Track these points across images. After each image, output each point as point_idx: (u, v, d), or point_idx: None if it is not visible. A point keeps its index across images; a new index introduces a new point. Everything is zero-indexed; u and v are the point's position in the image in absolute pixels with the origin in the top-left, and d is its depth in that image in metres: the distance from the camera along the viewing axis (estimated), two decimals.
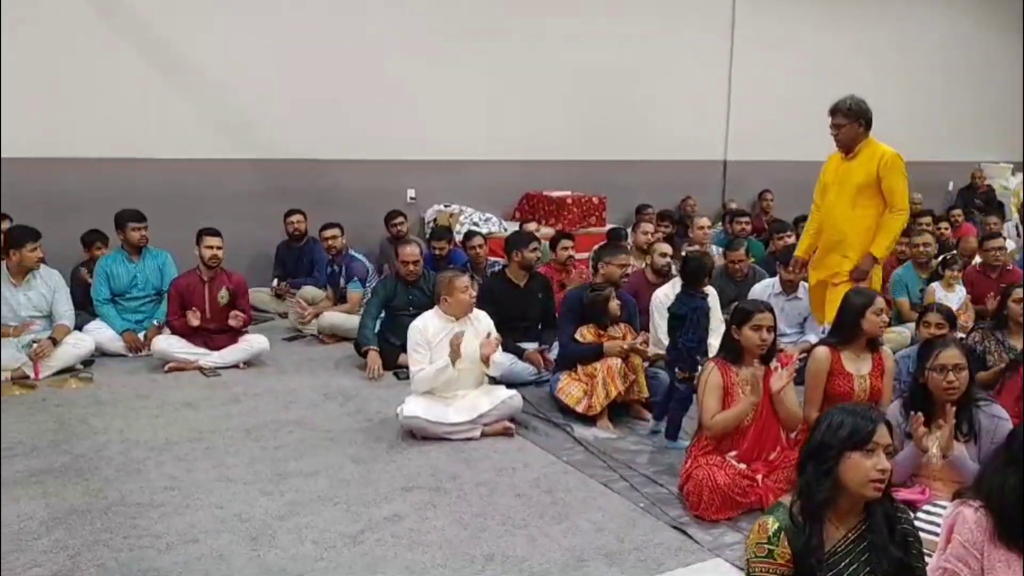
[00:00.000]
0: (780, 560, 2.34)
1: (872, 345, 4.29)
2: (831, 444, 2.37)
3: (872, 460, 2.33)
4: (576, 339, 5.19)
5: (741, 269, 6.74)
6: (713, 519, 3.78)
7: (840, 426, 2.38)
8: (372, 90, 8.17)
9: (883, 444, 2.35)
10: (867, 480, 2.32)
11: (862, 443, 2.34)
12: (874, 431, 2.35)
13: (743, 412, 3.92)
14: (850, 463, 2.34)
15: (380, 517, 3.80)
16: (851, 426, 2.37)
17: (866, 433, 2.35)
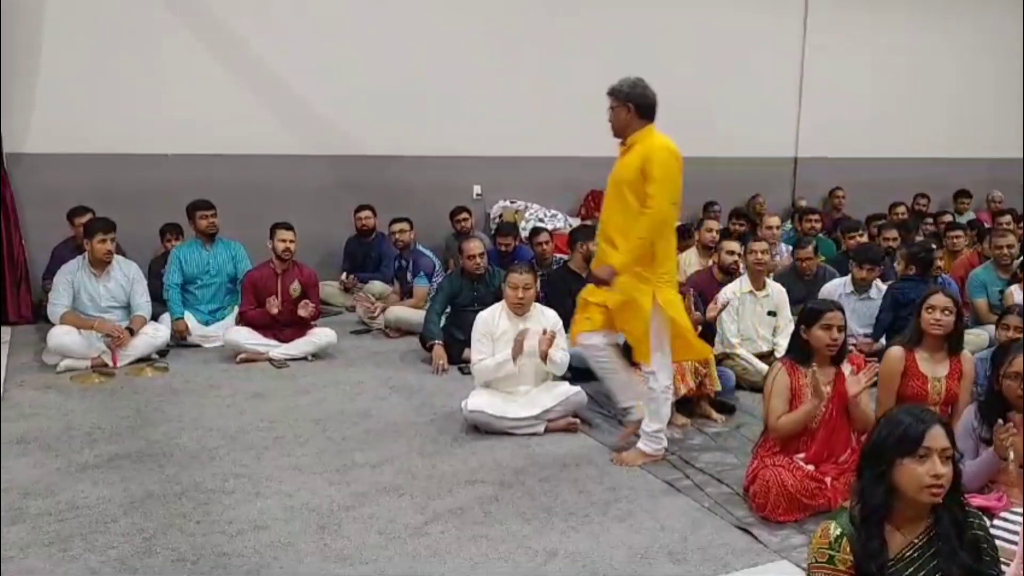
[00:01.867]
0: (841, 567, 2.28)
1: (953, 348, 4.16)
2: (883, 449, 2.31)
3: (925, 466, 2.24)
4: None
5: (810, 268, 6.61)
6: (779, 521, 3.72)
7: (892, 431, 2.31)
8: (439, 88, 8.23)
9: (937, 448, 2.25)
10: (922, 486, 2.24)
11: (913, 448, 2.26)
12: (924, 436, 2.26)
13: (809, 414, 3.85)
14: (903, 469, 2.27)
15: (444, 509, 3.84)
16: (902, 431, 2.29)
17: (917, 438, 2.26)
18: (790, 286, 6.31)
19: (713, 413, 5.09)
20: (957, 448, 2.34)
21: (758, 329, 5.84)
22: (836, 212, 9.64)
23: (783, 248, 7.65)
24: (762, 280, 5.91)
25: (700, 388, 5.06)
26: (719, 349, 5.68)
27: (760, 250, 5.90)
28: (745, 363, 5.63)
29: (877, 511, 2.30)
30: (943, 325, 4.07)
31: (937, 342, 4.12)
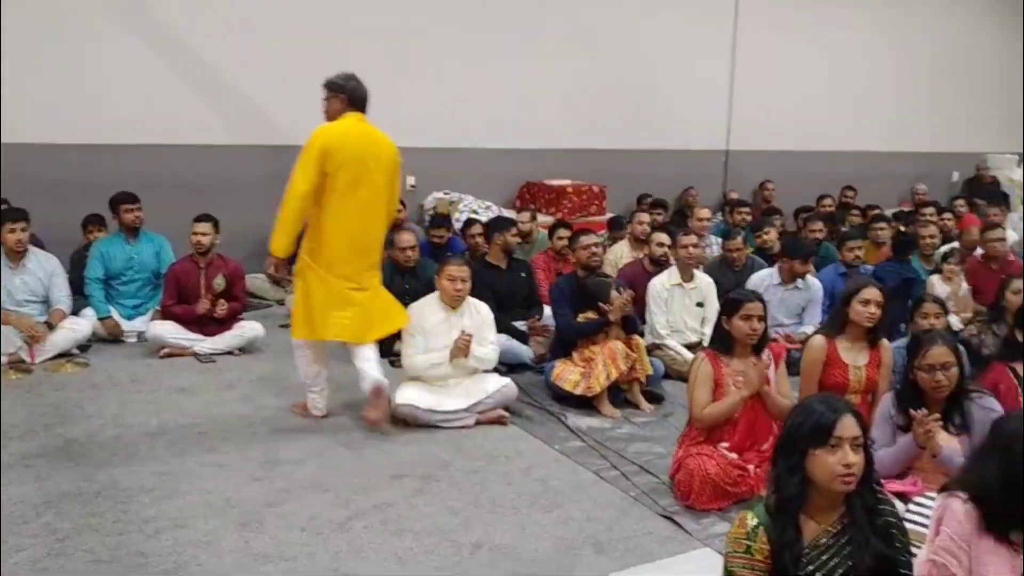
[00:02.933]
0: (758, 556, 2.31)
1: (872, 337, 4.26)
2: (796, 440, 2.33)
3: (837, 456, 2.27)
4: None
5: (739, 258, 6.69)
6: (703, 509, 3.77)
7: (803, 422, 2.33)
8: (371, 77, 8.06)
9: (848, 438, 2.28)
10: (834, 476, 2.27)
11: (824, 439, 2.28)
12: (835, 426, 2.28)
13: (734, 405, 3.91)
14: (815, 459, 2.29)
15: (369, 504, 3.80)
16: (813, 421, 2.31)
17: (828, 428, 2.29)
18: (720, 277, 6.39)
19: (643, 402, 5.13)
20: (868, 436, 2.37)
21: (686, 320, 5.91)
22: (766, 204, 9.78)
23: (713, 240, 7.74)
24: (691, 272, 5.98)
25: (631, 372, 5.09)
26: (648, 340, 5.73)
27: (690, 243, 5.96)
28: (674, 353, 5.69)
29: (792, 501, 2.32)
30: (874, 317, 4.17)
31: (859, 332, 4.21)
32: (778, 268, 6.34)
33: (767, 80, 10.13)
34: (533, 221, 7.62)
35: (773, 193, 9.94)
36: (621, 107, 9.36)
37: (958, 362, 3.57)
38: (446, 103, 8.48)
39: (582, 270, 5.51)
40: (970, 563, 2.61)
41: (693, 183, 9.67)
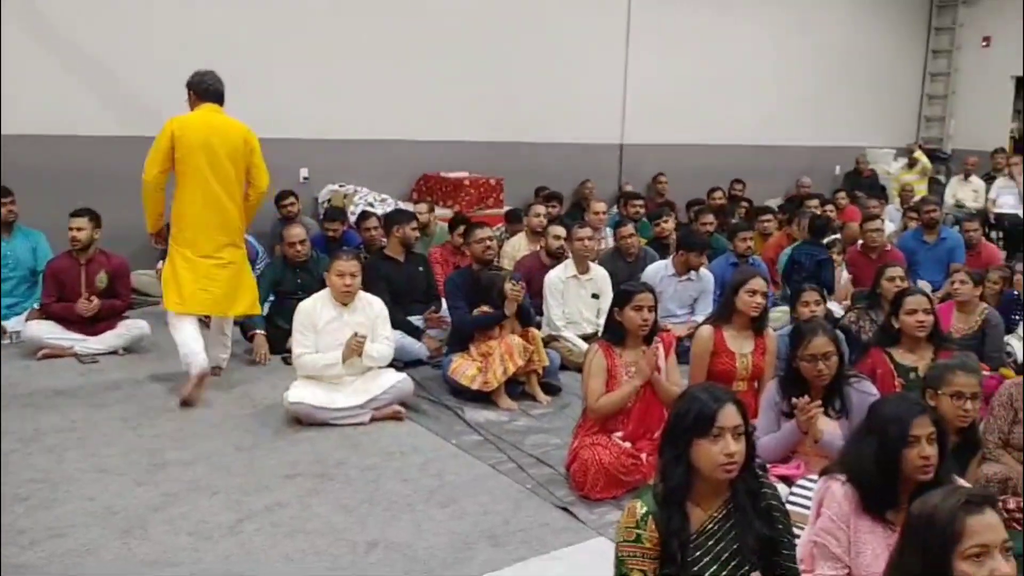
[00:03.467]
0: (647, 544, 2.34)
1: (758, 326, 4.39)
2: (680, 430, 2.38)
3: (719, 445, 2.32)
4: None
5: (631, 245, 6.79)
6: (598, 498, 3.81)
7: (687, 412, 2.38)
8: (264, 66, 7.92)
9: (730, 427, 2.33)
10: (716, 465, 2.32)
11: (707, 429, 2.32)
12: (717, 416, 2.33)
13: (627, 395, 3.97)
14: (699, 449, 2.34)
15: (261, 506, 3.70)
16: (696, 412, 2.35)
17: (710, 418, 2.33)
18: (614, 268, 6.48)
19: (540, 394, 5.16)
20: (750, 424, 2.43)
21: (582, 311, 5.97)
22: (659, 197, 9.98)
23: (609, 233, 7.83)
24: (586, 264, 6.04)
25: (528, 364, 5.11)
26: (545, 332, 5.77)
27: (585, 236, 6.02)
28: (570, 345, 5.75)
29: (677, 490, 2.37)
30: (759, 307, 4.30)
31: (745, 321, 4.34)
32: (672, 260, 6.47)
33: (660, 75, 10.31)
34: (430, 213, 7.58)
35: (666, 186, 10.15)
36: (518, 100, 9.38)
37: (837, 351, 3.71)
38: (341, 94, 8.34)
39: (477, 264, 5.51)
40: (849, 542, 2.72)
41: (589, 176, 9.78)
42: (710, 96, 10.75)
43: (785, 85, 11.49)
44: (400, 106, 8.70)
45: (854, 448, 2.82)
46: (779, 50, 11.38)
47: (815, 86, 11.75)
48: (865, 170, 11.68)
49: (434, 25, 8.80)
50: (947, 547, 1.91)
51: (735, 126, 11.01)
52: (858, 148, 12.08)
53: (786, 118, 11.56)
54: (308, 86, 8.14)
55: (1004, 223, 10.05)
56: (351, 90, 8.40)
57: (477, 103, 9.13)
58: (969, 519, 1.91)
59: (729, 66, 10.92)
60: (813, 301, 4.87)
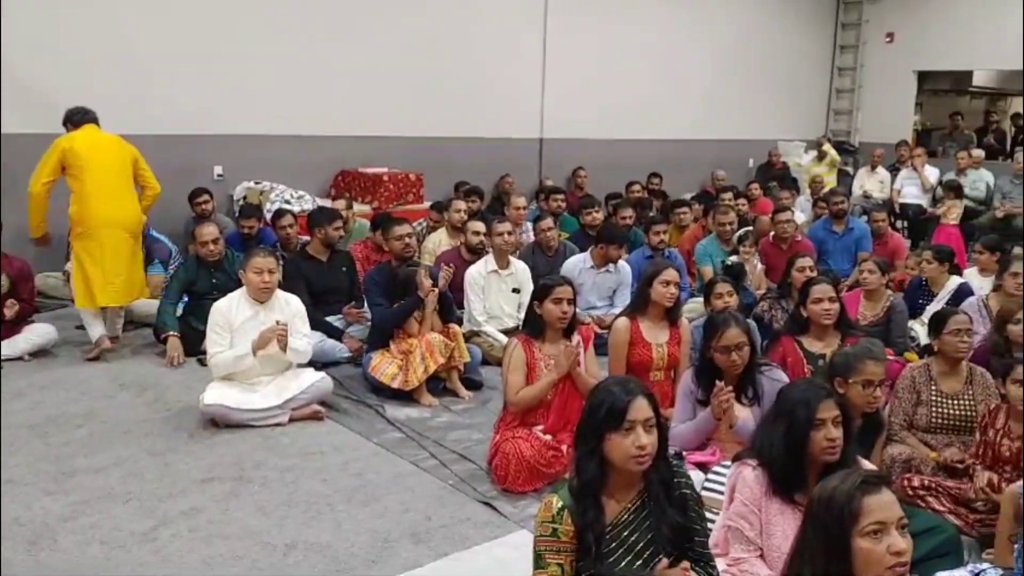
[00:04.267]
0: (564, 537, 2.36)
1: (671, 316, 4.48)
2: (593, 425, 2.40)
3: (631, 438, 2.34)
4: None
5: (550, 240, 6.84)
6: (520, 491, 3.84)
7: (599, 407, 2.40)
8: (173, 62, 7.73)
9: (641, 420, 2.35)
10: (628, 457, 2.35)
11: (619, 422, 2.35)
12: (628, 409, 2.35)
13: (546, 388, 4.00)
14: (611, 443, 2.36)
15: (176, 512, 3.62)
16: (607, 406, 2.37)
17: (620, 412, 2.35)
18: (534, 262, 6.52)
19: (461, 390, 5.16)
20: (661, 415, 2.48)
21: (503, 306, 6.00)
22: (579, 191, 10.06)
23: (529, 227, 7.87)
24: (506, 259, 6.06)
25: (450, 360, 5.11)
26: (466, 327, 5.77)
27: (505, 230, 6.03)
28: (492, 340, 5.76)
29: (591, 484, 2.39)
30: (673, 297, 4.38)
31: (660, 311, 4.42)
32: (591, 252, 6.53)
33: (578, 70, 10.39)
34: (349, 210, 7.49)
35: (586, 180, 10.24)
36: (438, 95, 9.35)
37: (750, 340, 3.80)
38: (256, 89, 8.18)
39: (396, 260, 5.47)
40: (761, 525, 2.80)
41: (509, 171, 9.81)
42: (628, 91, 10.88)
43: (700, 80, 11.71)
44: (318, 101, 8.58)
45: (764, 433, 2.90)
46: (694, 45, 11.59)
47: (729, 81, 12.00)
48: (777, 163, 11.98)
49: (352, 18, 8.71)
50: (846, 526, 1.97)
51: (653, 120, 11.17)
52: (770, 141, 12.38)
53: (701, 112, 11.78)
54: (220, 81, 7.96)
55: (908, 213, 10.44)
56: (266, 85, 8.25)
57: (396, 98, 9.06)
58: (866, 499, 1.98)
59: (645, 61, 11.08)
60: (726, 292, 4.97)
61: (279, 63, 8.31)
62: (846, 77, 13.41)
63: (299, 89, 8.44)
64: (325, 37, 8.55)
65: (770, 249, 7.32)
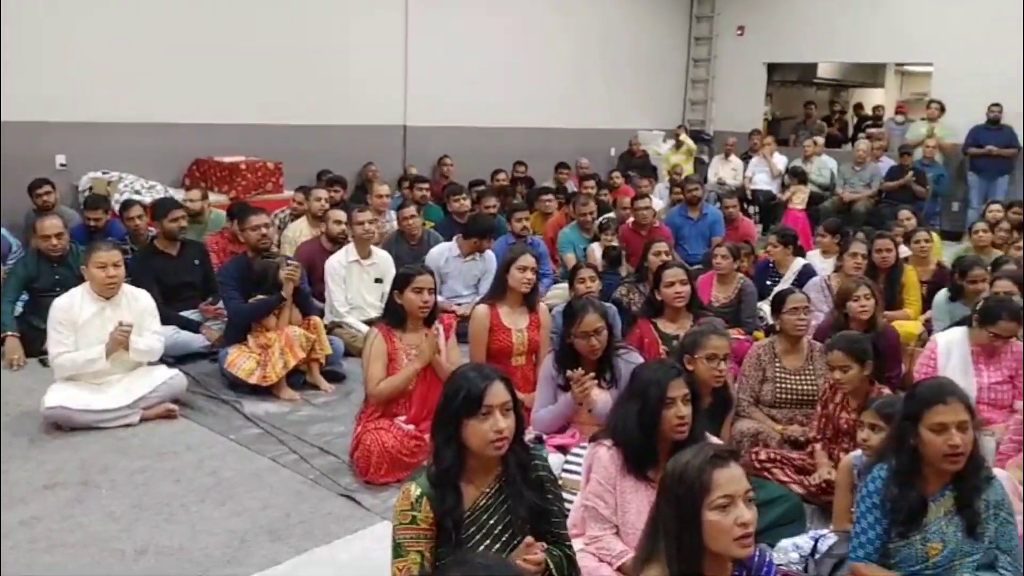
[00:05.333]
0: (423, 525, 2.36)
1: (530, 302, 4.53)
2: (450, 411, 2.41)
3: (488, 423, 2.36)
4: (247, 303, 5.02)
5: (413, 228, 6.80)
6: (382, 482, 3.81)
7: (456, 393, 2.41)
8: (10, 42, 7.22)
9: (498, 404, 2.37)
10: (487, 442, 2.36)
11: (476, 408, 2.36)
12: (484, 395, 2.37)
13: (408, 378, 3.98)
14: (469, 429, 2.37)
15: (15, 522, 3.41)
16: (464, 392, 2.38)
17: (478, 397, 2.37)
18: (398, 251, 6.47)
19: (323, 383, 5.07)
20: (518, 398, 2.50)
21: (365, 296, 5.92)
22: (444, 179, 10.03)
23: (393, 216, 7.79)
24: (368, 248, 5.98)
25: (311, 355, 5.01)
26: (328, 318, 5.68)
27: (365, 219, 5.96)
28: (354, 331, 5.68)
29: (450, 470, 2.40)
30: (531, 283, 4.43)
31: (518, 297, 4.46)
32: (457, 241, 6.53)
33: (441, 57, 10.32)
34: (204, 200, 7.21)
35: (451, 168, 10.21)
36: (297, 81, 9.10)
37: (608, 325, 3.89)
38: (102, 73, 7.74)
39: (252, 252, 5.32)
40: (616, 503, 2.87)
41: (372, 159, 9.67)
42: (491, 78, 10.90)
43: (563, 69, 11.86)
44: (170, 87, 8.20)
45: (618, 413, 2.98)
46: (556, 34, 11.71)
47: (590, 70, 12.19)
48: (638, 151, 12.28)
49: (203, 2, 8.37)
50: (697, 500, 2.06)
51: (517, 108, 11.23)
52: (631, 130, 12.67)
53: (565, 101, 11.94)
54: (62, 66, 7.50)
55: (759, 198, 10.92)
56: (114, 70, 7.82)
57: (254, 84, 8.77)
58: (716, 473, 2.07)
59: (509, 49, 11.13)
60: (588, 278, 5.06)
61: (127, 47, 7.90)
62: (701, 68, 13.87)
63: (149, 74, 8.05)
64: (177, 20, 8.18)
65: (630, 235, 7.50)
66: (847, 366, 3.70)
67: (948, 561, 2.64)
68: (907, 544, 2.67)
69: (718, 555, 2.09)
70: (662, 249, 5.75)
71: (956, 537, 2.64)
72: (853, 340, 3.78)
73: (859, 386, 3.75)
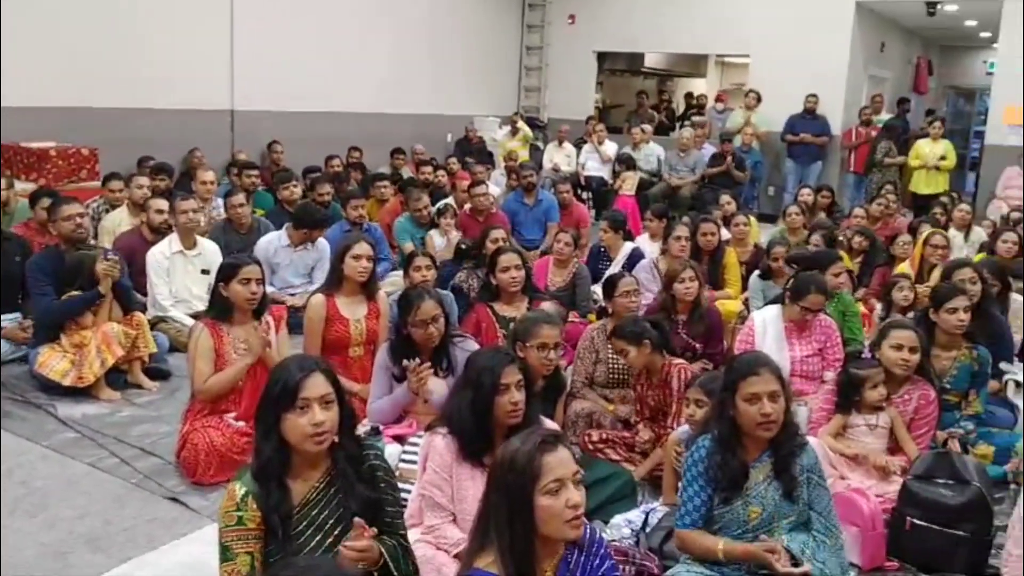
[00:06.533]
0: (251, 524, 2.28)
1: (368, 290, 4.46)
2: (269, 405, 2.34)
3: (306, 417, 2.30)
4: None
5: (242, 217, 6.55)
6: (212, 483, 3.66)
7: (273, 386, 2.34)
8: None
9: (315, 397, 2.31)
10: (306, 436, 2.30)
11: (292, 401, 2.30)
12: (301, 387, 2.30)
13: (238, 373, 3.84)
14: (287, 423, 2.31)
15: None
16: (280, 386, 2.32)
17: (293, 391, 2.30)
18: (226, 241, 6.22)
19: (145, 381, 4.81)
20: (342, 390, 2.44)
21: (191, 288, 5.65)
22: (275, 166, 9.71)
23: (221, 204, 7.47)
24: (193, 238, 5.72)
25: (132, 352, 4.74)
26: (151, 313, 5.39)
27: (189, 208, 5.67)
28: (180, 325, 5.41)
29: (271, 466, 2.32)
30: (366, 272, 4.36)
31: (355, 286, 4.39)
32: (286, 230, 6.34)
33: (270, 38, 9.96)
34: (9, 189, 6.68)
35: (282, 155, 9.89)
36: (113, 61, 8.56)
37: (444, 313, 3.88)
38: None
39: (65, 244, 4.96)
40: (453, 491, 2.87)
41: (198, 144, 9.23)
42: (322, 62, 10.63)
43: (395, 53, 11.71)
44: None
45: (453, 401, 2.97)
46: (387, 18, 11.53)
47: (419, 56, 12.06)
48: (474, 138, 12.33)
49: None
50: (528, 485, 2.08)
51: (351, 93, 11.01)
52: (467, 116, 12.70)
53: (400, 86, 11.81)
54: None
55: (592, 184, 11.20)
56: None
57: (65, 64, 8.17)
58: (546, 457, 2.10)
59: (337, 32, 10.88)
60: (424, 266, 5.03)
61: None
62: (534, 56, 14.05)
63: None
64: None
65: (467, 221, 7.53)
66: (626, 350, 3.92)
67: (767, 523, 2.80)
68: (730, 509, 2.81)
69: (549, 538, 2.13)
70: (499, 235, 5.80)
71: (774, 500, 2.80)
72: (624, 326, 3.99)
73: (650, 363, 3.94)
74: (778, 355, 4.29)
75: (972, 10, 12.10)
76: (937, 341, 4.17)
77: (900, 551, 3.30)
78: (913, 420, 3.78)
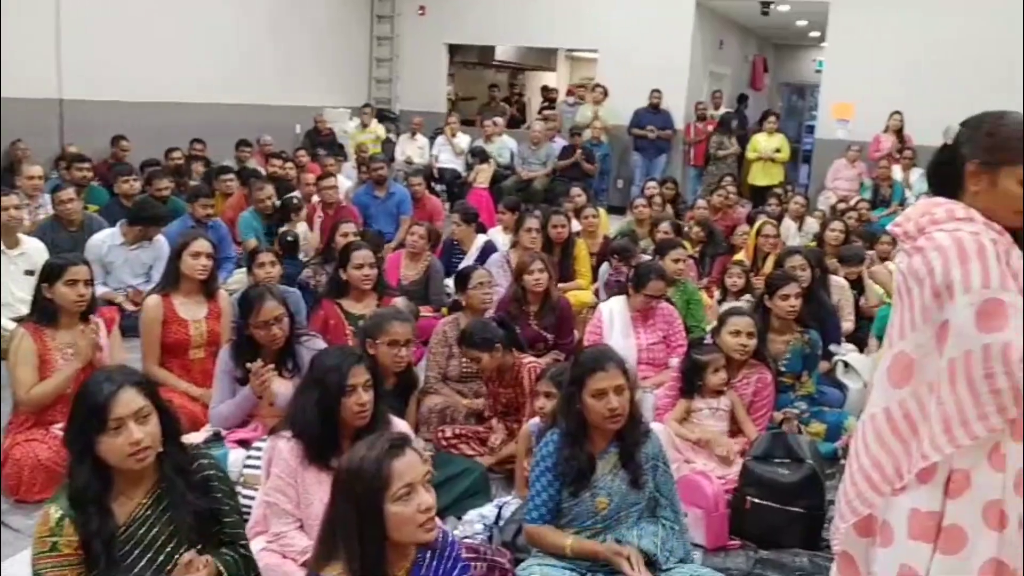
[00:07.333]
0: (67, 550, 2.14)
1: (207, 289, 4.27)
2: (76, 428, 2.20)
3: (122, 436, 2.17)
4: None
5: (72, 213, 6.14)
6: (37, 500, 3.40)
7: (80, 406, 2.21)
8: None
9: (129, 414, 2.18)
10: (125, 456, 2.18)
11: (103, 423, 2.16)
12: (110, 407, 2.17)
13: (65, 381, 3.59)
14: (102, 445, 2.17)
15: None
16: (88, 406, 2.18)
17: (102, 410, 2.16)
18: (54, 239, 5.84)
19: None
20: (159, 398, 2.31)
21: (14, 291, 5.24)
22: (113, 159, 9.18)
23: (48, 200, 6.99)
24: (15, 237, 5.32)
25: None
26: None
27: (12, 204, 5.29)
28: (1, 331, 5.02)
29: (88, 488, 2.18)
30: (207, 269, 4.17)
31: (194, 285, 4.20)
32: (120, 227, 6.00)
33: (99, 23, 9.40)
34: None
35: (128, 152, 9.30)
36: None
37: (289, 312, 3.76)
38: None
39: None
40: (299, 496, 2.78)
41: (21, 136, 8.60)
42: (159, 49, 10.12)
43: (236, 41, 11.27)
44: None
45: (298, 402, 2.87)
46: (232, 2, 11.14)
47: (262, 44, 11.65)
48: (324, 129, 12.04)
49: None
50: (378, 494, 2.02)
51: (190, 82, 10.52)
52: (316, 108, 12.40)
53: (245, 76, 11.39)
54: None
55: (445, 177, 11.18)
56: None
57: None
58: (394, 463, 2.04)
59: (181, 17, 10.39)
60: (268, 262, 4.87)
61: None
62: (384, 47, 13.86)
63: None
64: None
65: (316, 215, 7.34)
66: (478, 357, 3.93)
67: (615, 513, 2.84)
68: (578, 502, 2.84)
69: (401, 543, 2.09)
70: (349, 229, 5.70)
71: (621, 490, 2.84)
72: (473, 334, 3.97)
73: (501, 364, 3.96)
74: (624, 343, 4.40)
75: (803, 11, 12.77)
76: (772, 326, 4.37)
77: (741, 530, 3.43)
78: (752, 403, 3.96)
